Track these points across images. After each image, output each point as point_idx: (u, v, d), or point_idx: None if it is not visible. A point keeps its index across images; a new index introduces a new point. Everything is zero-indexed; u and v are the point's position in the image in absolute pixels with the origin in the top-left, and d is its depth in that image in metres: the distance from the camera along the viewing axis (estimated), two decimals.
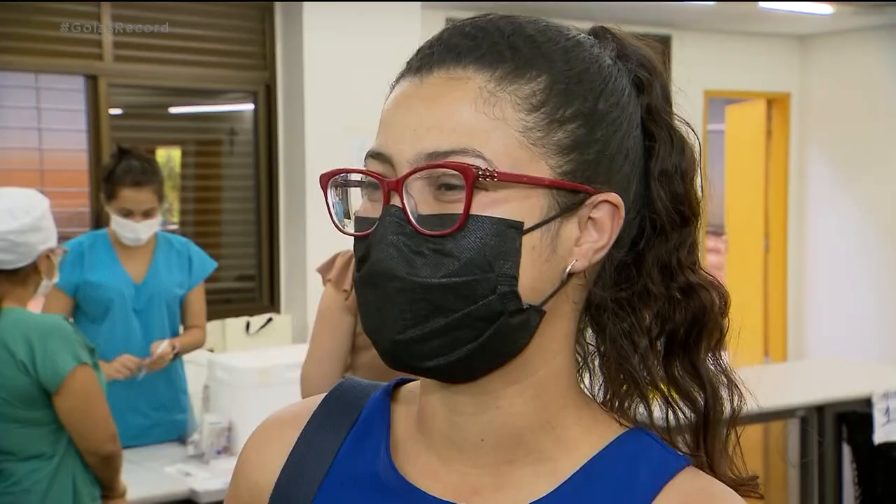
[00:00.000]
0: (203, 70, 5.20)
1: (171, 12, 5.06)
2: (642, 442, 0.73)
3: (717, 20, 6.52)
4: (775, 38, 7.18)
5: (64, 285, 2.92)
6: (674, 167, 0.74)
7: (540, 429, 0.72)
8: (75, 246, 3.08)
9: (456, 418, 0.72)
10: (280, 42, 5.36)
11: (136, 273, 3.17)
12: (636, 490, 0.70)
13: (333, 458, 0.76)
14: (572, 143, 0.69)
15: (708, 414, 0.75)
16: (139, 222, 3.08)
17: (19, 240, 2.26)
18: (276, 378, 3.33)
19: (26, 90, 4.94)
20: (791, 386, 4.45)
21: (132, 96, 5.25)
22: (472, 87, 0.67)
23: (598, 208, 0.70)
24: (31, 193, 2.38)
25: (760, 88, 7.26)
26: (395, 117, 0.69)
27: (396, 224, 0.67)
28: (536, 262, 0.68)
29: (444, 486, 0.72)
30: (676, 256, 0.73)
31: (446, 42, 0.70)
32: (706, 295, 0.74)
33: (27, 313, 2.33)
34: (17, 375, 2.24)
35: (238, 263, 5.52)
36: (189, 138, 5.61)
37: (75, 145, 5.01)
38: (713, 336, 0.75)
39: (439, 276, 0.66)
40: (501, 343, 0.68)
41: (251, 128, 5.45)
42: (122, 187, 3.06)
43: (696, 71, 6.68)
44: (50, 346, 2.24)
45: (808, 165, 7.37)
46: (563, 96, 0.69)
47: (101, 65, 4.91)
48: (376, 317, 0.69)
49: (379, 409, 0.78)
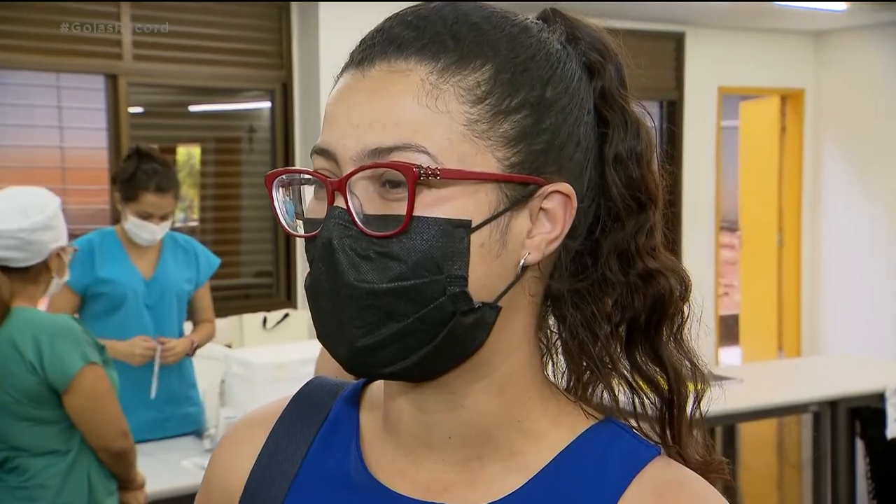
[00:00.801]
0: (221, 69, 5.21)
1: (189, 12, 5.07)
2: (612, 433, 0.71)
3: (731, 17, 6.46)
4: (789, 35, 7.11)
5: (73, 283, 2.92)
6: (629, 151, 0.70)
7: (507, 424, 0.70)
8: (85, 244, 3.09)
9: (423, 417, 0.70)
10: (296, 41, 5.36)
11: (146, 269, 3.19)
12: (607, 481, 0.68)
13: (303, 458, 0.75)
14: (519, 133, 0.66)
15: (672, 399, 0.73)
16: (157, 225, 3.09)
17: (31, 238, 2.26)
18: (291, 373, 3.33)
19: (48, 89, 4.96)
20: (804, 381, 4.42)
21: (152, 95, 5.26)
22: (415, 79, 0.64)
23: (549, 199, 0.67)
24: (43, 192, 2.37)
25: (774, 85, 7.20)
26: (337, 112, 0.66)
27: (341, 226, 0.64)
28: (486, 258, 0.65)
29: (414, 483, 0.71)
30: (634, 242, 0.71)
31: (388, 33, 0.67)
32: (665, 281, 0.71)
33: (36, 313, 2.33)
34: (26, 375, 2.24)
35: (256, 259, 5.53)
36: (209, 136, 5.62)
37: (96, 143, 5.02)
38: (674, 321, 0.72)
39: (387, 281, 0.63)
40: (457, 343, 0.66)
41: (269, 125, 5.45)
42: (145, 192, 3.05)
43: (710, 67, 6.64)
44: (58, 347, 2.23)
45: (822, 161, 7.30)
46: (509, 86, 0.66)
47: (121, 64, 4.92)
48: (329, 325, 0.66)
49: (347, 409, 0.77)
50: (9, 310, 2.25)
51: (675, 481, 0.69)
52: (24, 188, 2.37)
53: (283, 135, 5.42)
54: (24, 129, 5.03)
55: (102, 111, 4.96)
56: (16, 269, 2.28)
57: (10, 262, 2.26)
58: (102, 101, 4.95)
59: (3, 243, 2.24)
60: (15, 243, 2.25)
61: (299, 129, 5.42)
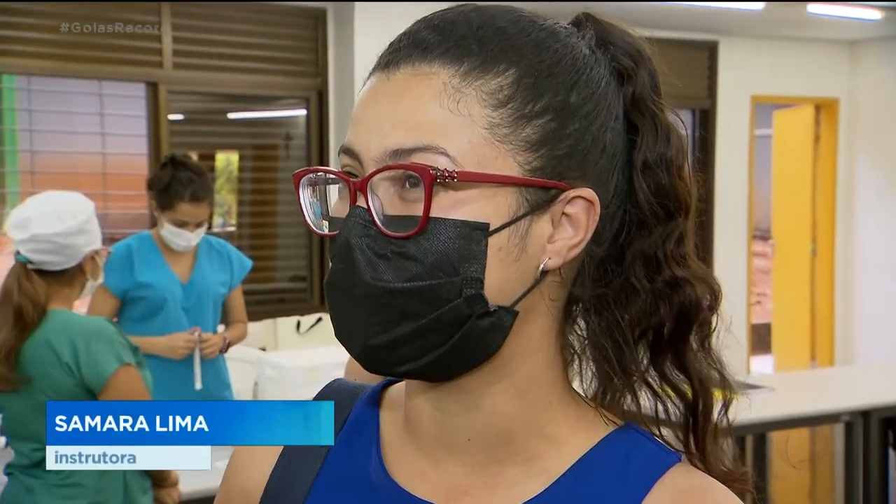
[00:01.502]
0: (258, 77, 5.25)
1: (227, 21, 5.12)
2: (633, 439, 0.70)
3: (765, 26, 6.40)
4: (823, 44, 7.03)
5: (113, 287, 2.95)
6: (658, 158, 0.69)
7: (527, 428, 0.69)
8: (123, 249, 3.12)
9: (442, 418, 0.69)
10: (332, 49, 5.38)
11: (182, 273, 3.22)
12: (628, 488, 0.67)
13: (323, 460, 0.74)
14: (542, 138, 0.65)
15: (696, 408, 0.71)
16: (192, 232, 3.12)
17: (66, 242, 2.28)
18: (323, 376, 3.34)
19: (90, 96, 5.03)
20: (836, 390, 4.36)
21: (192, 102, 5.31)
22: (437, 82, 0.64)
23: (571, 204, 0.66)
24: (77, 197, 2.39)
25: (809, 94, 7.12)
26: (363, 114, 0.66)
27: (361, 225, 0.64)
28: (504, 262, 0.64)
29: (434, 487, 0.70)
30: (662, 250, 0.69)
31: (414, 36, 0.67)
32: (692, 289, 0.69)
33: (72, 315, 2.35)
34: (62, 377, 2.26)
35: (291, 264, 5.55)
36: (247, 143, 5.66)
37: (136, 150, 5.08)
38: (702, 330, 0.71)
39: (403, 281, 0.63)
40: (473, 346, 0.65)
41: (304, 132, 5.48)
42: (181, 201, 3.08)
43: (743, 76, 6.58)
44: (94, 348, 2.25)
45: (855, 171, 7.21)
46: (532, 90, 0.65)
47: (161, 72, 4.97)
48: (345, 323, 0.66)
49: (367, 411, 0.76)
50: (45, 312, 2.27)
51: (697, 487, 0.68)
52: (60, 193, 2.39)
53: (317, 142, 5.44)
54: (67, 136, 5.10)
55: (143, 118, 5.02)
56: (51, 273, 2.30)
57: (46, 265, 2.28)
58: (143, 108, 5.01)
59: (39, 247, 2.27)
60: (50, 247, 2.27)
61: (334, 136, 5.44)
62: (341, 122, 5.40)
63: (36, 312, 2.25)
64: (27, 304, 2.25)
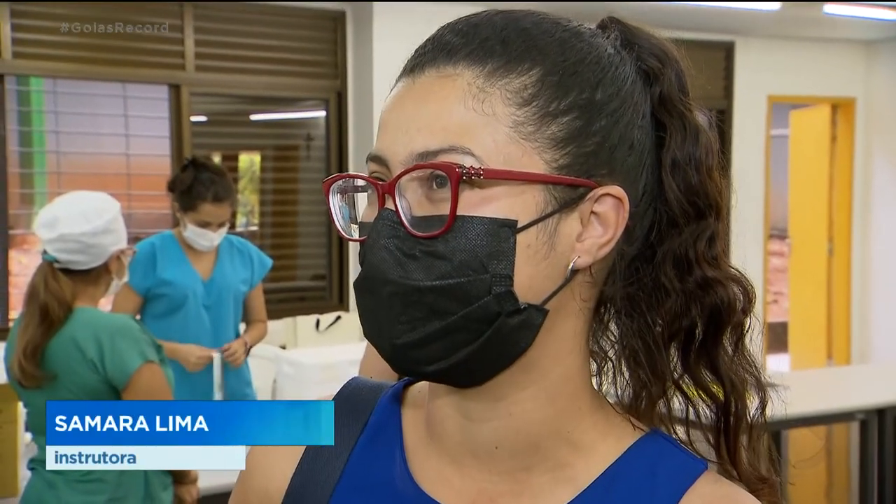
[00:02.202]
0: (279, 79, 5.26)
1: (248, 24, 5.14)
2: (660, 446, 0.69)
3: (781, 26, 6.36)
4: (840, 44, 6.98)
5: (136, 285, 2.97)
6: (687, 157, 0.68)
7: (556, 434, 0.67)
8: (147, 247, 3.14)
9: (468, 424, 0.68)
10: (351, 52, 5.39)
11: (204, 271, 3.24)
12: (658, 497, 0.66)
13: (346, 462, 0.72)
14: (568, 135, 0.64)
15: (728, 412, 0.69)
16: (215, 232, 3.14)
17: (92, 241, 2.29)
18: (340, 373, 3.35)
19: (115, 99, 5.07)
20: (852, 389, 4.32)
21: (214, 104, 5.33)
22: (461, 83, 0.64)
23: (600, 202, 0.65)
24: (103, 197, 2.40)
25: (825, 93, 7.07)
26: (389, 119, 0.66)
27: (389, 227, 0.63)
28: (533, 259, 0.63)
29: (459, 494, 0.68)
30: (694, 250, 0.67)
31: (439, 41, 0.66)
32: (724, 290, 0.68)
33: (97, 313, 2.36)
34: (87, 373, 2.27)
35: (311, 263, 5.57)
36: (268, 144, 5.69)
37: (160, 151, 5.11)
38: (735, 332, 0.69)
39: (432, 279, 0.62)
40: (503, 344, 0.64)
41: (324, 133, 5.50)
42: (204, 203, 3.10)
43: (760, 76, 6.54)
44: (118, 346, 2.26)
45: (872, 171, 7.15)
46: (557, 88, 0.64)
47: (184, 75, 5.00)
48: (374, 323, 0.65)
49: (389, 413, 0.74)
50: (71, 310, 2.29)
51: (726, 498, 0.66)
52: (86, 193, 2.40)
53: (337, 142, 5.45)
54: (93, 137, 5.14)
55: (166, 120, 5.04)
56: (78, 272, 2.31)
57: (73, 264, 2.30)
58: (166, 110, 5.03)
59: (66, 247, 2.28)
60: (77, 247, 2.28)
61: (353, 137, 5.45)
62: (360, 123, 5.41)
63: (62, 310, 2.27)
64: (53, 303, 2.26)
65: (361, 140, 5.41)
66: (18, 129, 4.93)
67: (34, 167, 5.16)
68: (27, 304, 2.32)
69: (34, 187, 5.22)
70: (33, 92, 5.16)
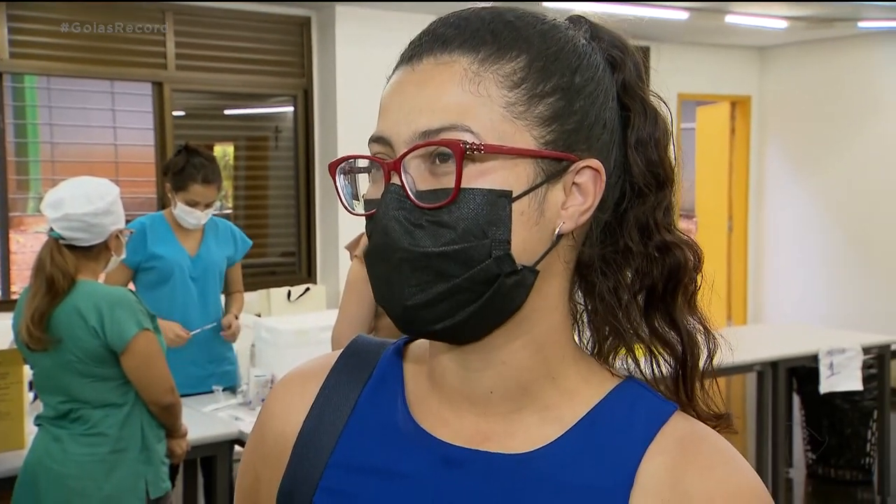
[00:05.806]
0: (251, 77, 5.20)
1: (223, 28, 5.07)
2: (636, 391, 0.69)
3: (689, 33, 6.45)
4: (738, 49, 7.11)
5: (127, 259, 2.93)
6: (648, 136, 0.69)
7: (543, 379, 0.68)
8: (137, 226, 3.10)
9: (467, 374, 0.68)
10: (316, 53, 5.34)
11: (191, 248, 3.21)
12: (635, 434, 0.66)
13: (352, 408, 0.72)
14: (553, 114, 0.64)
15: (686, 360, 0.70)
16: (202, 211, 3.11)
17: (94, 221, 2.26)
18: (312, 338, 3.34)
19: (103, 94, 4.96)
20: (750, 345, 4.42)
21: (193, 100, 5.25)
22: (458, 68, 0.63)
23: (580, 174, 0.65)
24: (105, 182, 2.37)
25: (726, 92, 7.20)
26: (391, 102, 0.65)
27: (397, 200, 0.63)
28: (526, 225, 0.63)
29: (457, 432, 0.68)
30: (653, 217, 0.69)
31: (433, 33, 0.66)
32: (680, 252, 0.69)
33: (98, 285, 2.33)
34: (89, 339, 2.25)
35: (281, 241, 5.53)
36: (241, 136, 5.61)
37: (144, 141, 5.02)
38: (688, 289, 0.70)
39: (439, 245, 0.62)
40: (501, 302, 0.64)
41: (292, 126, 5.45)
42: (194, 183, 3.07)
43: (670, 77, 6.61)
44: (117, 315, 2.24)
45: (766, 158, 7.31)
46: (542, 73, 0.64)
47: (166, 73, 4.91)
48: (385, 287, 0.65)
49: (391, 366, 0.74)
50: (74, 282, 2.26)
51: (695, 434, 0.67)
52: (89, 178, 2.37)
53: (304, 134, 5.41)
54: (83, 129, 5.03)
55: (150, 114, 4.96)
56: (80, 248, 2.29)
57: (76, 241, 2.27)
58: (150, 105, 4.95)
59: (71, 225, 2.25)
60: (80, 225, 2.26)
61: (318, 130, 5.42)
62: (324, 117, 5.37)
63: (66, 282, 2.24)
64: (58, 275, 2.24)
65: (325, 132, 5.37)
66: (14, 122, 4.80)
67: (29, 156, 5.03)
68: (34, 275, 2.28)
69: (29, 174, 5.10)
70: (28, 88, 5.03)
